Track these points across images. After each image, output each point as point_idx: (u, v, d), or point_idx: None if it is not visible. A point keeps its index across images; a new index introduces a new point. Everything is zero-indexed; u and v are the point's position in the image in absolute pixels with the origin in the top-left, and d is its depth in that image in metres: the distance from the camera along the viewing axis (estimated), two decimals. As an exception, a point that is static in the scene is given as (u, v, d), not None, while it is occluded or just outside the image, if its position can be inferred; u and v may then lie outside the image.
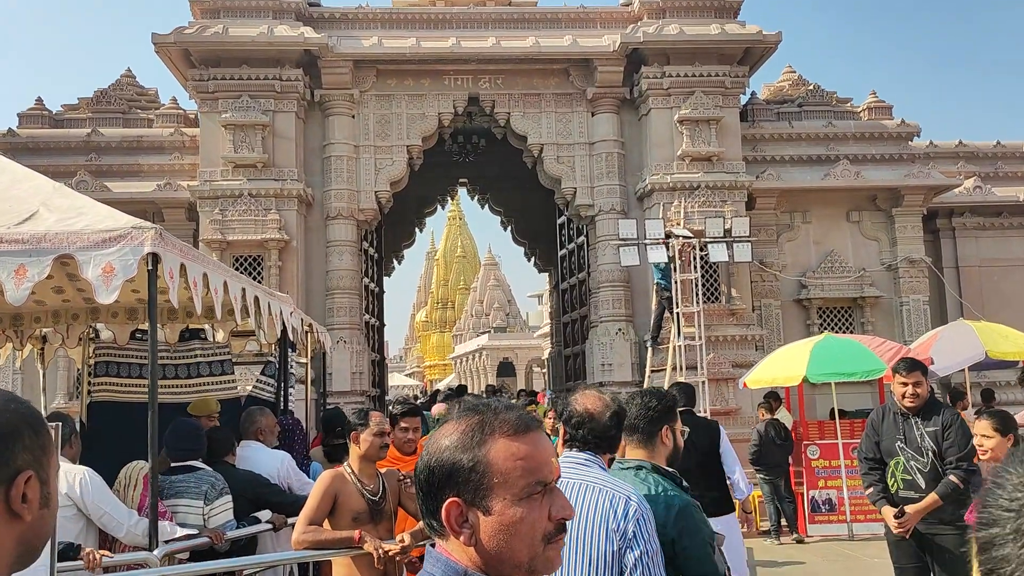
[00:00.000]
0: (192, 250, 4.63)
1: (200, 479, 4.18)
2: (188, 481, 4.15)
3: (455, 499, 1.28)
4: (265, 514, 4.39)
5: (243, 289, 5.51)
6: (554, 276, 18.76)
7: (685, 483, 2.72)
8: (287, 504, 4.57)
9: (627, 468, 2.72)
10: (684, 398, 5.86)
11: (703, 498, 3.40)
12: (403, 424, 4.52)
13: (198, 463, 4.31)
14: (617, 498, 2.32)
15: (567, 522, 1.29)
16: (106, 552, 3.63)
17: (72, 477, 3.75)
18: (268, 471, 4.81)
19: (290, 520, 4.47)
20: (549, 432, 4.87)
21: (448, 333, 52.39)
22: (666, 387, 11.95)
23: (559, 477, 1.35)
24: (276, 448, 5.30)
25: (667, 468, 2.73)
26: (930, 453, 4.67)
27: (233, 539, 4.11)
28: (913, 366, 4.78)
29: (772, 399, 10.61)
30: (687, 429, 3.23)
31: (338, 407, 9.52)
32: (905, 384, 4.73)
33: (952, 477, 4.57)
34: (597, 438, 2.48)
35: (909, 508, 4.67)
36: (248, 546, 4.32)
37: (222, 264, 5.44)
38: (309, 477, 5.14)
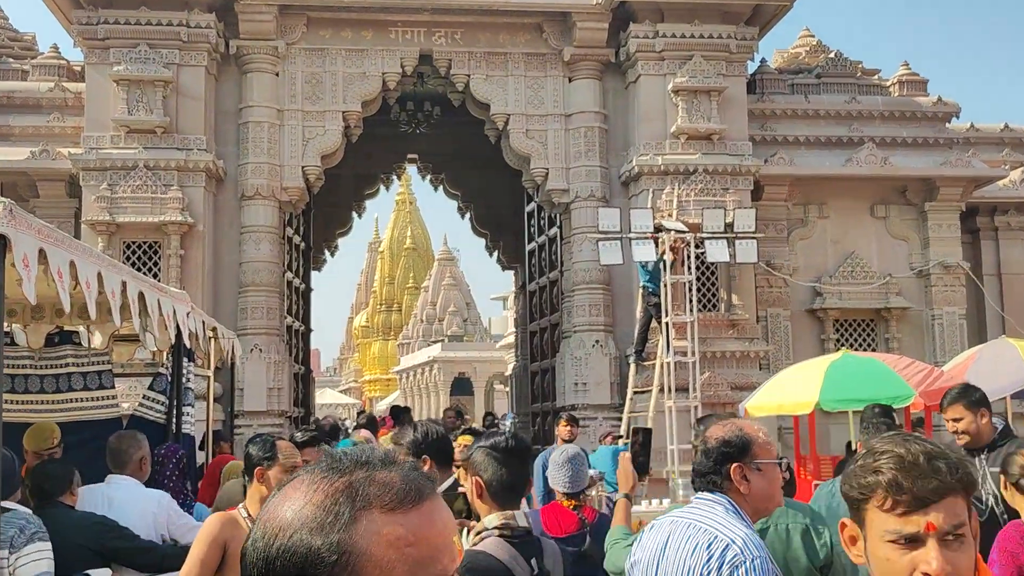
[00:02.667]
0: (55, 232, 4.42)
1: (8, 523, 3.97)
2: None
3: None
4: (102, 573, 4.19)
5: (123, 283, 5.32)
6: (521, 275, 18.68)
7: None
8: (143, 552, 4.38)
9: None
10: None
11: None
12: (304, 457, 4.37)
13: (10, 503, 4.09)
14: (717, 541, 2.52)
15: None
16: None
17: None
18: (142, 515, 4.61)
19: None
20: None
21: (393, 341, 52.10)
22: (651, 411, 11.95)
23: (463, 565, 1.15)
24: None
25: None
26: (991, 499, 4.63)
27: None
28: (955, 398, 4.80)
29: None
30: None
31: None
32: (947, 421, 4.77)
33: None
34: (698, 476, 2.78)
35: None
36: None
37: (95, 251, 5.23)
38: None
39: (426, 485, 1.10)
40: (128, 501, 4.72)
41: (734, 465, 2.69)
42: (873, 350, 13.75)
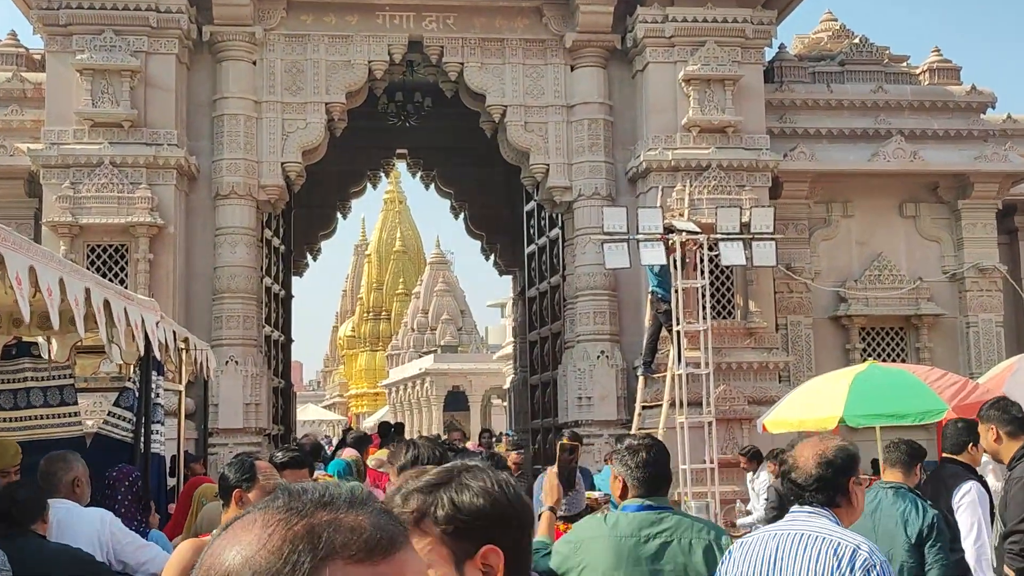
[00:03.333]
0: (13, 235, 4.44)
1: None
2: None
3: None
4: None
5: (87, 290, 5.33)
6: (519, 280, 18.69)
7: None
8: None
9: (888, 487, 4.99)
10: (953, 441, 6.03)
11: None
12: (284, 479, 4.37)
13: None
14: (843, 547, 2.82)
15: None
16: None
17: None
18: (85, 537, 4.60)
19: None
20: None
21: (381, 352, 52.09)
22: (661, 428, 11.94)
23: None
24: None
25: (916, 491, 5.09)
26: (999, 523, 4.77)
27: None
28: (981, 411, 5.14)
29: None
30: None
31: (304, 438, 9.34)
32: None
33: (1007, 570, 4.61)
34: (800, 489, 3.10)
35: None
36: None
37: (56, 255, 5.25)
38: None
39: (399, 532, 1.05)
40: (68, 525, 4.68)
41: (851, 478, 3.03)
42: (903, 360, 13.75)
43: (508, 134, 13.88)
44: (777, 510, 10.01)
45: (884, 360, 13.36)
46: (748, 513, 11.32)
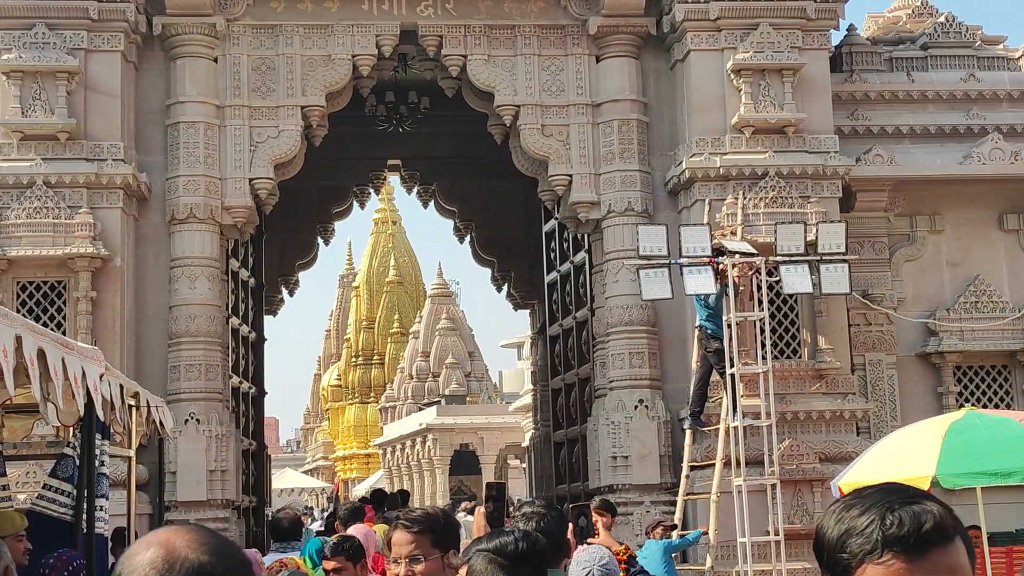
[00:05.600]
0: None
1: None
2: None
3: None
4: None
5: (18, 337, 5.37)
6: (539, 315, 18.68)
7: None
8: None
9: None
10: None
11: None
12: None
13: None
14: None
15: None
16: None
17: None
18: None
19: None
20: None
21: (374, 405, 52.11)
22: (714, 492, 11.88)
23: None
24: None
25: None
26: None
27: None
28: None
29: None
30: None
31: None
32: None
33: None
34: None
35: None
36: None
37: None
38: None
39: None
40: None
41: None
42: (1007, 406, 13.68)
43: (522, 140, 13.91)
44: None
45: (984, 406, 13.28)
46: None
